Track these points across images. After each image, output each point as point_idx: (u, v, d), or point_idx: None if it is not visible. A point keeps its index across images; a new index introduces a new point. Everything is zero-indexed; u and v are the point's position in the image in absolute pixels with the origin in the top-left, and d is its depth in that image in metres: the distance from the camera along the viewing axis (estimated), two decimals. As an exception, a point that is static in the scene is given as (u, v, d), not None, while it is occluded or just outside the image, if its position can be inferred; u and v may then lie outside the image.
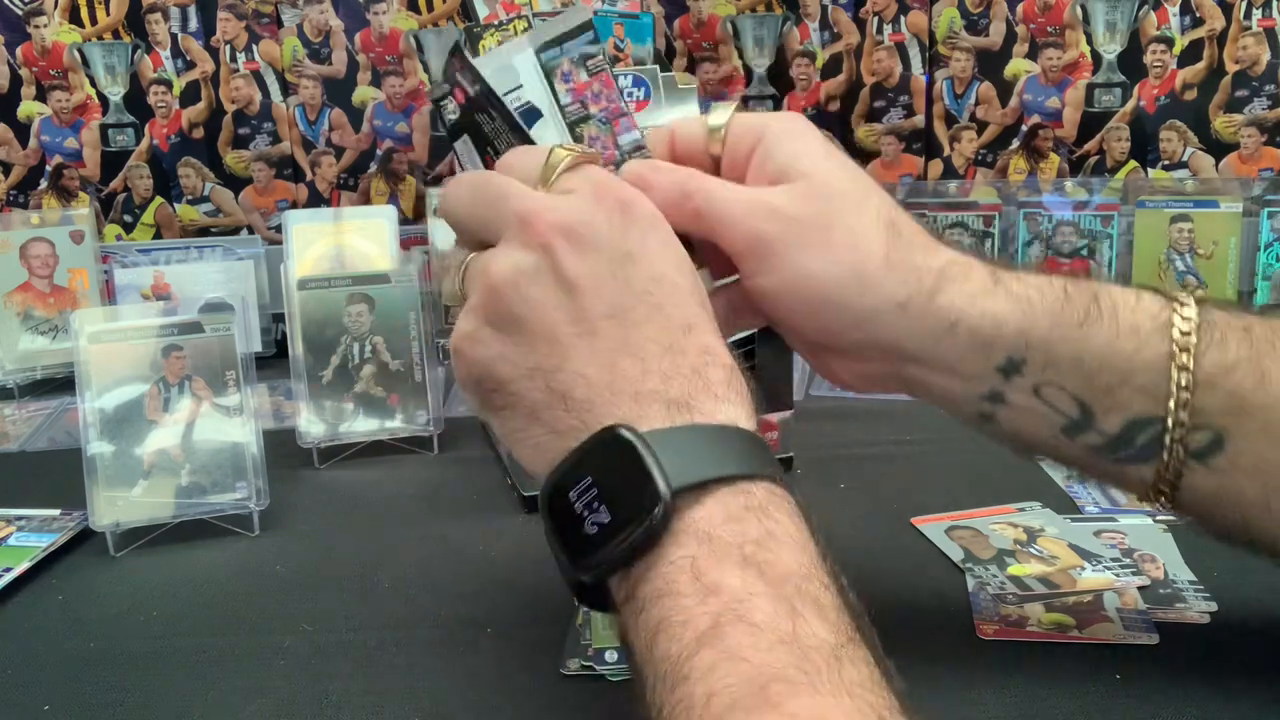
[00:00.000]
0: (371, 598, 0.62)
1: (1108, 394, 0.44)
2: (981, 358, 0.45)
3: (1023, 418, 0.46)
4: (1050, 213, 1.08)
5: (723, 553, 0.37)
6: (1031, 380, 0.45)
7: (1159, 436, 0.44)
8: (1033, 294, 0.45)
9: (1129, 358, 0.44)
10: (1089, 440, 0.46)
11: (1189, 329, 0.44)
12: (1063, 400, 0.45)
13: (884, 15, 1.14)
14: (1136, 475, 0.46)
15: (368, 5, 1.13)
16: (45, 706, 0.52)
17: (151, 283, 1.07)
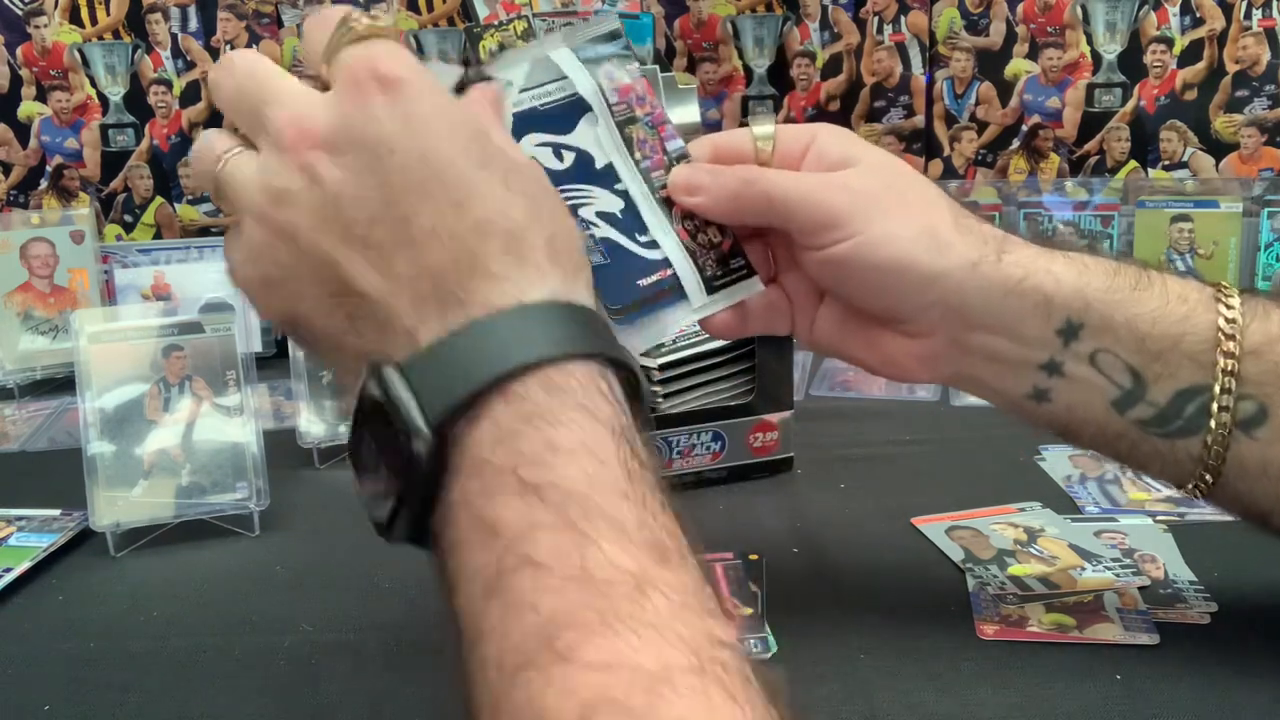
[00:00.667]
0: (371, 598, 0.61)
1: (1159, 360, 0.45)
2: (1043, 319, 0.46)
3: (1077, 391, 0.47)
4: (1050, 213, 1.08)
5: (496, 482, 0.33)
6: (1089, 346, 0.46)
7: (1206, 406, 0.45)
8: (1086, 259, 0.47)
9: (1180, 321, 0.45)
10: (1139, 414, 0.46)
11: (1234, 301, 0.46)
12: (1117, 369, 0.46)
13: (884, 15, 1.14)
14: (1184, 450, 0.46)
15: (367, 5, 1.13)
16: (45, 706, 0.52)
17: (152, 283, 1.08)
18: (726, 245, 0.49)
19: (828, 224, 0.46)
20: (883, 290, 0.47)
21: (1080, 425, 0.48)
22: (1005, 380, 0.48)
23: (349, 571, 0.65)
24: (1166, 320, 0.45)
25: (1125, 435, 0.47)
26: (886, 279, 0.47)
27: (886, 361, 0.50)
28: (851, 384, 0.94)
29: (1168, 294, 0.46)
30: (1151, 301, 0.46)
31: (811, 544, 0.64)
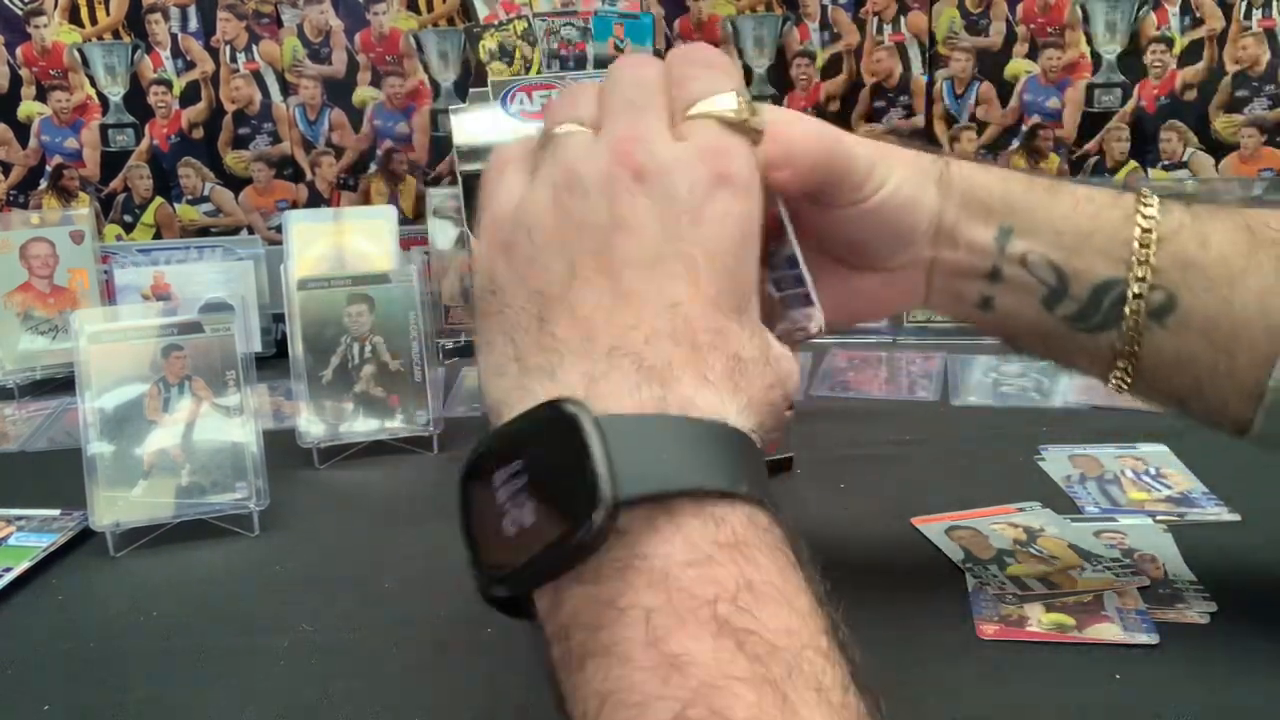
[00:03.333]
0: (371, 598, 0.62)
1: (1076, 255, 0.49)
2: (984, 227, 0.50)
3: (1013, 295, 0.50)
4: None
5: (688, 610, 0.29)
6: (1020, 248, 0.50)
7: (1121, 297, 0.49)
8: (1005, 170, 0.51)
9: (1090, 219, 0.50)
10: (1065, 310, 0.50)
11: (1152, 201, 0.50)
12: (1042, 267, 0.50)
13: (884, 15, 1.14)
14: (1106, 343, 0.50)
15: (368, 5, 1.13)
16: (45, 706, 0.52)
17: (151, 283, 1.08)
18: None
19: (868, 173, 0.47)
20: (898, 232, 0.49)
21: (1018, 328, 0.52)
22: (960, 293, 0.51)
23: (349, 571, 0.65)
24: (1077, 217, 0.50)
25: (1055, 333, 0.51)
26: (906, 218, 0.49)
27: (873, 305, 0.52)
28: (851, 384, 0.94)
29: (1076, 196, 0.50)
30: (1064, 203, 0.50)
31: (811, 544, 0.64)
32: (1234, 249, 0.49)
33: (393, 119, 1.16)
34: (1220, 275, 0.48)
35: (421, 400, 0.83)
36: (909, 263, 0.50)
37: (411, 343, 0.83)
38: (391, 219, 0.94)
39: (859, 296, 0.52)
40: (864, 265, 0.51)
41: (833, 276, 0.50)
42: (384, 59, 1.15)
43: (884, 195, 0.48)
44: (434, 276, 1.09)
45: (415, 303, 0.83)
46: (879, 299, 0.52)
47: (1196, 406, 0.51)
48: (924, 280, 0.51)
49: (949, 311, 0.53)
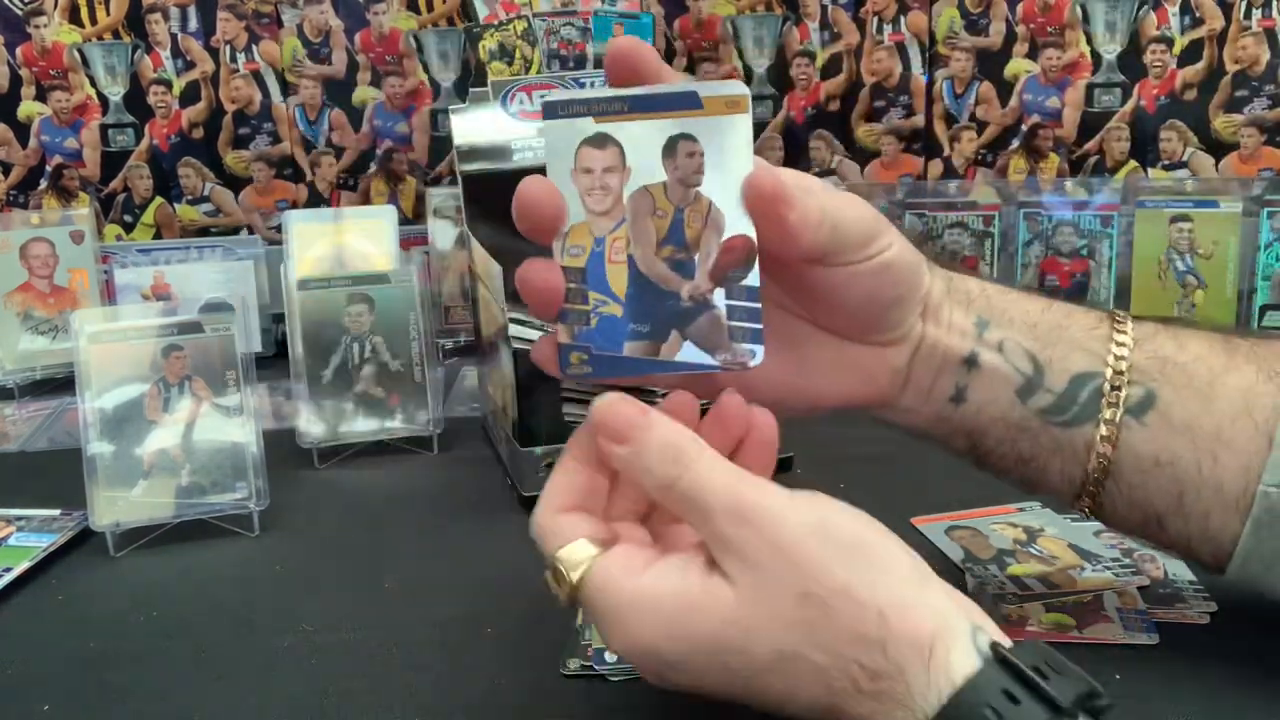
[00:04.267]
0: (371, 598, 0.62)
1: (1051, 346, 0.49)
2: (965, 313, 0.50)
3: (988, 385, 0.49)
4: (1050, 213, 1.08)
5: None
6: (996, 336, 0.49)
7: (1099, 390, 0.48)
8: (978, 277, 0.52)
9: (1064, 316, 0.50)
10: (1040, 402, 0.49)
11: (1121, 314, 0.50)
12: (1018, 354, 0.49)
13: (884, 15, 1.14)
14: (1081, 439, 0.49)
15: (368, 5, 1.13)
16: (45, 706, 0.52)
17: (151, 283, 1.08)
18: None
19: (872, 234, 0.46)
20: (898, 296, 0.48)
21: (989, 424, 0.50)
22: (935, 385, 0.50)
23: (349, 571, 0.65)
24: (1051, 314, 0.50)
25: (1028, 427, 0.49)
26: (907, 280, 0.48)
27: (859, 383, 0.50)
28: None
29: (1049, 300, 0.51)
30: (1036, 303, 0.50)
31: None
32: (1211, 352, 0.48)
33: (393, 119, 1.16)
34: (1200, 373, 0.48)
35: (421, 400, 0.83)
36: (900, 337, 0.49)
37: (411, 343, 0.83)
38: (391, 219, 0.94)
39: (847, 370, 0.50)
40: (858, 334, 0.49)
41: (824, 348, 0.49)
42: (384, 59, 1.15)
43: (889, 256, 0.47)
44: (434, 276, 1.09)
45: (415, 303, 0.83)
46: (866, 375, 0.50)
47: (1175, 523, 0.48)
48: (908, 362, 0.50)
49: (920, 414, 0.51)
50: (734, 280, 0.43)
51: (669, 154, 0.43)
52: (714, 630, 0.39)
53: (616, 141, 0.43)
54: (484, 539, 0.68)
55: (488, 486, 0.76)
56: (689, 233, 0.43)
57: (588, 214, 0.43)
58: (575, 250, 0.43)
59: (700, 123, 0.42)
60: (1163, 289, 1.05)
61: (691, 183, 0.43)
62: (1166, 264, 1.05)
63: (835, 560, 0.39)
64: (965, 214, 1.09)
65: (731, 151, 0.42)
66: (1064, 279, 1.08)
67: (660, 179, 0.43)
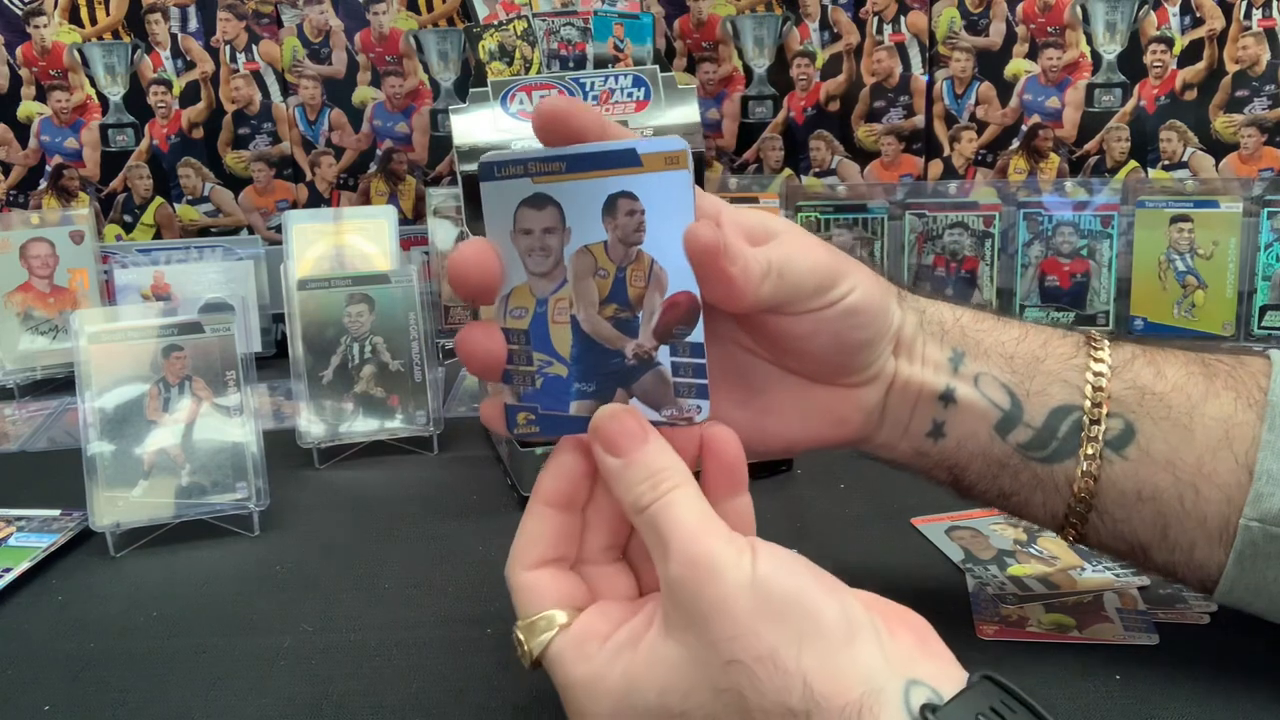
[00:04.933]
0: (371, 598, 0.62)
1: (1029, 379, 0.48)
2: (939, 348, 0.49)
3: (966, 420, 0.49)
4: (1050, 213, 1.08)
5: None
6: (972, 370, 0.49)
7: (1078, 424, 0.47)
8: (953, 303, 0.51)
9: (1040, 347, 0.49)
10: (1019, 437, 0.48)
11: (1090, 335, 0.50)
12: (995, 388, 0.49)
13: (884, 15, 1.14)
14: (1062, 474, 0.48)
15: (368, 5, 1.13)
16: (45, 706, 0.52)
17: (151, 283, 1.08)
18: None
19: (828, 282, 0.46)
20: (864, 339, 0.47)
21: (969, 459, 0.49)
22: (911, 422, 0.50)
23: (349, 571, 0.65)
24: (1027, 344, 0.49)
25: (1008, 464, 0.49)
26: (872, 323, 0.47)
27: (832, 425, 0.50)
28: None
29: (1024, 327, 0.50)
30: (1012, 332, 0.50)
31: (811, 544, 0.64)
32: (1190, 379, 0.47)
33: (393, 119, 1.16)
34: (1180, 403, 0.47)
35: (421, 400, 0.83)
36: (871, 377, 0.49)
37: (411, 343, 0.83)
38: (391, 219, 0.94)
39: (818, 413, 0.49)
40: (827, 377, 0.49)
41: (794, 391, 0.49)
42: (384, 59, 1.15)
43: (851, 301, 0.46)
44: (434, 276, 1.09)
45: (415, 303, 0.83)
46: (838, 417, 0.49)
47: (1160, 554, 0.48)
48: (881, 400, 0.49)
49: (898, 449, 0.51)
50: (678, 337, 0.43)
51: (609, 213, 0.42)
52: (655, 702, 0.39)
53: (555, 201, 0.42)
54: (484, 539, 0.68)
55: (488, 486, 0.76)
56: (632, 291, 0.43)
57: (529, 275, 0.43)
58: (518, 312, 0.43)
59: (640, 180, 0.41)
60: (1163, 289, 1.05)
61: (632, 241, 0.42)
62: (1166, 264, 1.05)
63: (764, 622, 0.37)
64: (965, 214, 1.09)
65: (672, 208, 0.42)
66: (1064, 279, 1.08)
67: (601, 238, 0.42)
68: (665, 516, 0.40)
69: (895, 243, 1.10)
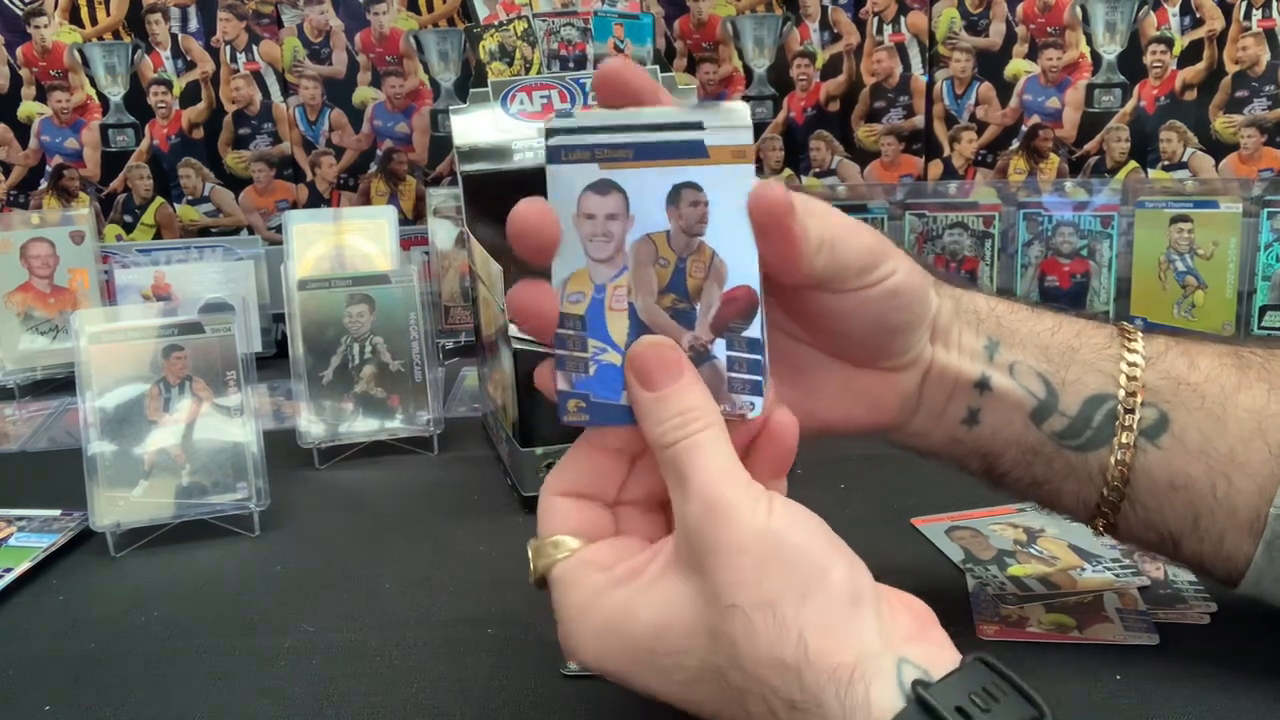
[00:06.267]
0: (372, 598, 0.62)
1: (1064, 369, 0.49)
2: (975, 335, 0.49)
3: (1000, 407, 0.49)
4: (1050, 213, 1.08)
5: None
6: (1007, 359, 0.49)
7: (1112, 413, 0.48)
8: (988, 293, 0.51)
9: (1074, 336, 0.49)
10: (1053, 425, 0.49)
11: (1131, 327, 0.50)
12: (1031, 377, 0.49)
13: (884, 15, 1.14)
14: (1095, 463, 0.48)
15: (368, 5, 1.13)
16: (45, 707, 0.52)
17: (152, 283, 1.08)
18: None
19: (874, 261, 0.46)
20: (905, 321, 0.48)
21: (1003, 447, 0.50)
22: (947, 409, 0.50)
23: (349, 571, 0.65)
24: (1062, 334, 0.49)
25: (1042, 452, 0.49)
26: (913, 306, 0.48)
27: (868, 408, 0.50)
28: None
29: (1058, 318, 0.50)
30: (1046, 322, 0.50)
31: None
32: (1223, 370, 0.48)
33: (393, 119, 1.16)
34: (1213, 394, 0.47)
35: (421, 400, 0.83)
36: (909, 362, 0.49)
37: (411, 343, 0.83)
38: (391, 219, 0.94)
39: (856, 397, 0.50)
40: (866, 361, 0.49)
41: (833, 375, 0.49)
42: (384, 59, 1.15)
43: (894, 283, 0.46)
44: (434, 276, 1.09)
45: (415, 303, 0.83)
46: (875, 401, 0.50)
47: (1190, 544, 0.48)
48: (918, 387, 0.49)
49: (932, 437, 0.51)
50: (735, 331, 0.43)
51: (673, 202, 0.42)
52: (648, 636, 0.40)
53: (620, 188, 0.42)
54: (484, 539, 0.68)
55: (488, 486, 0.76)
56: (691, 283, 0.43)
57: (589, 260, 0.43)
58: (575, 297, 0.43)
59: (705, 171, 0.42)
60: (1163, 289, 1.05)
61: (695, 232, 0.42)
62: (1166, 264, 1.05)
63: (770, 571, 0.38)
64: (965, 214, 1.09)
65: (735, 201, 0.42)
66: (1064, 280, 1.08)
67: (664, 227, 0.42)
68: (689, 456, 0.40)
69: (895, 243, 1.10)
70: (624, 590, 0.41)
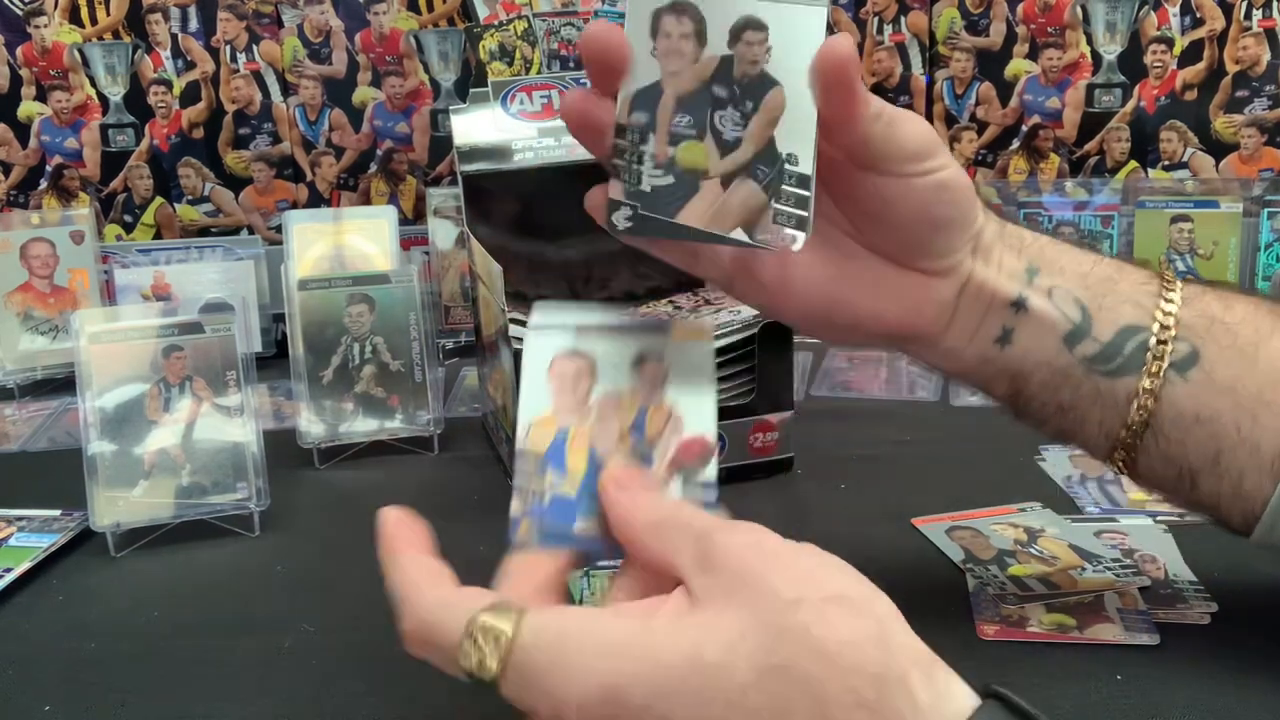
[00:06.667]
0: (372, 598, 0.61)
1: (1102, 297, 0.49)
2: (1017, 257, 0.50)
3: (1034, 329, 0.49)
4: (1050, 213, 1.08)
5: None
6: (1047, 283, 0.49)
7: (1145, 344, 0.48)
8: (1032, 229, 0.52)
9: (1114, 271, 0.50)
10: (1086, 349, 0.49)
11: (1163, 267, 0.51)
12: (1068, 301, 0.49)
13: (884, 15, 1.14)
14: (1124, 389, 0.49)
15: (368, 5, 1.13)
16: (45, 707, 0.52)
17: (152, 283, 1.07)
18: None
19: (927, 150, 0.47)
20: (952, 219, 0.48)
21: (1033, 368, 0.50)
22: (982, 324, 0.50)
23: (349, 571, 0.65)
24: (1101, 268, 0.50)
25: (1072, 375, 0.49)
26: (961, 205, 0.48)
27: (907, 311, 0.50)
28: (852, 384, 0.94)
29: (1098, 254, 0.51)
30: (1087, 257, 0.51)
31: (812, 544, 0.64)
32: (1257, 314, 0.49)
33: (393, 119, 1.16)
34: (1246, 334, 0.48)
35: (422, 400, 0.83)
36: (949, 268, 0.49)
37: (412, 343, 0.83)
38: (392, 219, 0.94)
39: (894, 294, 0.49)
40: (908, 258, 0.49)
41: (874, 268, 0.49)
42: (384, 59, 1.15)
43: (944, 176, 0.47)
44: (434, 276, 1.09)
45: (415, 303, 0.83)
46: (912, 303, 0.49)
47: (1209, 482, 0.48)
48: (955, 298, 0.49)
49: (963, 355, 0.51)
50: (690, 475, 0.46)
51: (636, 367, 0.47)
52: (688, 653, 0.35)
53: (587, 353, 0.47)
54: (484, 539, 0.68)
55: (488, 486, 0.76)
56: (650, 429, 0.46)
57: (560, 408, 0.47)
58: (541, 436, 0.47)
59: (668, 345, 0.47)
60: (1163, 289, 1.05)
61: (654, 392, 0.46)
62: (1167, 264, 1.05)
63: (829, 573, 0.38)
64: (965, 214, 1.09)
65: (695, 370, 0.46)
66: (1064, 279, 1.08)
67: (628, 384, 0.47)
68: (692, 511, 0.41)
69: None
70: (634, 620, 0.38)
